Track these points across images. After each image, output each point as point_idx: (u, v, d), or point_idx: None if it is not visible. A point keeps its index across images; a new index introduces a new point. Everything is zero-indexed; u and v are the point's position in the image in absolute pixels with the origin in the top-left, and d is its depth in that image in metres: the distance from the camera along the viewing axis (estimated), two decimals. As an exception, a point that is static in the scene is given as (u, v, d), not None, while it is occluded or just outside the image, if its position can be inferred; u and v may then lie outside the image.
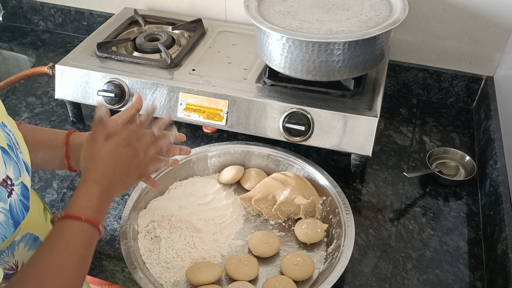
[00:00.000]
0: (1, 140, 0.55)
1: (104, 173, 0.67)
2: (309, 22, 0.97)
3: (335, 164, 1.07)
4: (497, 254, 0.83)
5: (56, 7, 1.51)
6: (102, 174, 0.67)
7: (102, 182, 0.66)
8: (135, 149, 0.72)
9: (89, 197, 0.64)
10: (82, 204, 0.63)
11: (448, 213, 0.97)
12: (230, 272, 0.82)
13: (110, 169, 0.68)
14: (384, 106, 1.24)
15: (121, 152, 0.70)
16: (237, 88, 1.04)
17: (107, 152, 0.69)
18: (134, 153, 0.71)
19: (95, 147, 0.69)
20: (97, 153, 0.69)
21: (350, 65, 0.96)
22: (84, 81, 1.10)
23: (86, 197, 0.64)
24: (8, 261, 0.61)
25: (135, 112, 0.76)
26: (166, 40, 1.20)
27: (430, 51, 1.23)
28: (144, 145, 0.74)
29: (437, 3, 1.15)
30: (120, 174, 0.69)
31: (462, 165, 1.08)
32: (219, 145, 1.03)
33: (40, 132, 0.78)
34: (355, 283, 0.85)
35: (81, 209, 0.62)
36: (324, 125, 0.98)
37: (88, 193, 0.65)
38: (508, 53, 1.13)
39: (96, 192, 0.65)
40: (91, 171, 0.67)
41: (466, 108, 1.26)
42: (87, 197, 0.64)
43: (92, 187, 0.65)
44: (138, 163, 0.72)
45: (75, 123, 1.19)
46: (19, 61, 1.50)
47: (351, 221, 0.87)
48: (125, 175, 0.70)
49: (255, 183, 0.98)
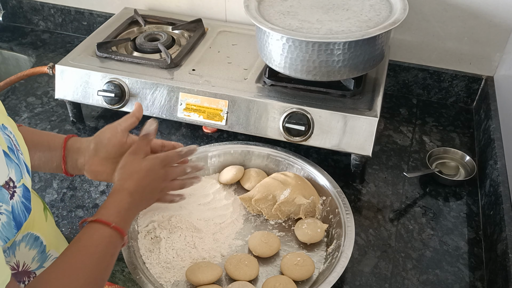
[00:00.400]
0: (2, 143, 0.56)
1: (137, 186, 0.71)
2: (309, 22, 0.97)
3: (335, 164, 1.07)
4: (497, 254, 0.83)
5: (56, 7, 1.51)
6: (135, 186, 0.71)
7: (134, 194, 0.70)
8: (166, 174, 0.77)
9: (120, 206, 0.67)
10: (113, 211, 0.66)
11: (448, 213, 0.97)
12: (230, 272, 0.82)
13: (143, 184, 0.72)
14: (384, 106, 1.24)
15: (157, 172, 0.75)
16: (237, 88, 1.04)
17: (146, 168, 0.73)
18: (164, 177, 0.76)
19: (135, 160, 0.74)
20: (136, 166, 0.73)
21: (350, 65, 0.96)
22: (84, 81, 1.10)
23: (117, 205, 0.67)
24: (9, 261, 0.61)
25: (135, 121, 0.80)
26: (166, 40, 1.20)
27: (430, 51, 1.23)
28: (174, 174, 0.79)
29: (437, 3, 1.15)
30: (149, 191, 0.74)
31: (462, 165, 1.08)
32: (219, 145, 1.03)
33: (39, 134, 0.79)
34: (355, 283, 0.85)
35: (110, 216, 0.65)
36: (324, 125, 0.98)
37: (120, 202, 0.68)
38: (508, 53, 1.13)
39: (127, 202, 0.68)
40: (127, 181, 0.71)
41: (466, 108, 1.26)
42: (118, 205, 0.67)
43: (124, 197, 0.69)
44: (163, 188, 0.77)
45: (75, 123, 1.19)
46: (19, 61, 1.50)
47: (351, 221, 0.87)
48: (151, 193, 0.75)
49: (255, 183, 0.98)
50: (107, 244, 0.64)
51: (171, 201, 0.82)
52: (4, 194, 0.53)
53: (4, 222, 0.53)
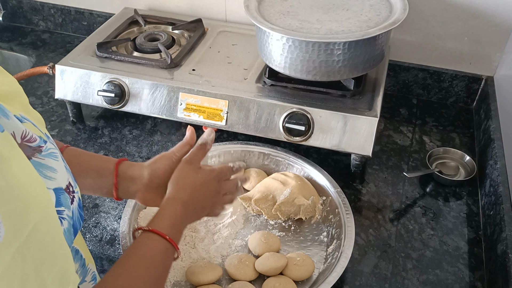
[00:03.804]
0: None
1: (191, 198, 0.69)
2: (309, 22, 0.97)
3: (335, 164, 1.07)
4: (497, 254, 0.83)
5: (56, 7, 1.51)
6: (189, 198, 0.69)
7: (187, 206, 0.68)
8: (219, 188, 0.75)
9: (175, 218, 0.66)
10: (168, 222, 0.65)
11: (448, 213, 0.97)
12: (230, 272, 0.82)
13: (197, 197, 0.70)
14: (384, 106, 1.24)
15: (211, 185, 0.73)
16: (237, 88, 1.04)
17: (200, 180, 0.72)
18: (217, 191, 0.74)
19: (190, 171, 0.72)
20: (191, 178, 0.71)
21: (350, 65, 0.96)
22: (84, 81, 1.10)
23: (172, 216, 0.66)
24: None
25: (189, 149, 0.77)
26: (166, 40, 1.20)
27: (430, 51, 1.23)
28: (226, 188, 0.77)
29: (437, 3, 1.15)
30: (202, 204, 0.72)
31: (462, 165, 1.08)
32: (219, 145, 1.03)
33: (87, 158, 0.75)
34: (355, 283, 0.85)
35: (166, 228, 0.63)
36: (324, 125, 0.98)
37: (175, 213, 0.66)
38: (508, 53, 1.13)
39: (180, 214, 0.67)
40: (181, 192, 0.69)
41: (466, 108, 1.26)
42: (173, 217, 0.66)
43: (178, 208, 0.67)
44: (214, 202, 0.75)
45: (75, 123, 1.19)
46: (19, 61, 1.50)
47: (351, 221, 0.87)
48: (202, 207, 0.72)
49: (255, 183, 0.98)
50: (163, 257, 0.62)
51: (217, 215, 0.79)
52: (66, 198, 0.50)
53: (65, 229, 0.49)
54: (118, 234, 0.90)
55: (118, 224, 0.94)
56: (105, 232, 0.93)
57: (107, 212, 0.96)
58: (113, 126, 1.18)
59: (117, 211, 0.97)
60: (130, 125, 1.18)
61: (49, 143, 0.50)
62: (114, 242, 0.91)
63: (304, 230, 0.92)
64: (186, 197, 0.69)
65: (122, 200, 0.79)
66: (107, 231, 0.93)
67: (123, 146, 1.12)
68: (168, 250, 0.63)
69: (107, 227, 0.94)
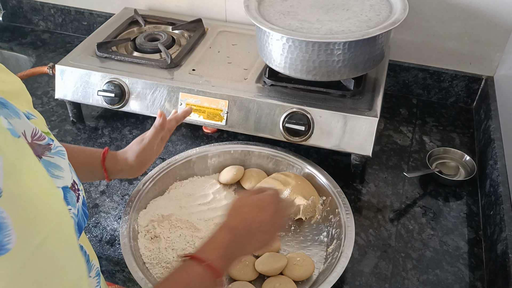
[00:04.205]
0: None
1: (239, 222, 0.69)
2: (309, 22, 0.97)
3: (335, 164, 1.07)
4: (497, 254, 0.83)
5: (56, 7, 1.51)
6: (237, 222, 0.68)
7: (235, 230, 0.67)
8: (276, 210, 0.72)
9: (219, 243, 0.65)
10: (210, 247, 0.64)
11: (448, 213, 0.97)
12: (230, 272, 0.82)
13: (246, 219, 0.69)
14: (384, 106, 1.24)
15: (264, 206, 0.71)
16: (237, 88, 1.04)
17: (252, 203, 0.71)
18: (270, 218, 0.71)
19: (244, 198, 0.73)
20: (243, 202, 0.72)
21: (350, 65, 0.96)
22: (84, 81, 1.10)
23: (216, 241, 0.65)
24: None
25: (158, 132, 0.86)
26: (166, 40, 1.20)
27: (430, 51, 1.23)
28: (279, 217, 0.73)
29: (437, 3, 1.15)
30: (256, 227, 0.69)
31: (462, 165, 1.08)
32: (219, 145, 1.03)
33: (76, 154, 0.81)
34: (355, 283, 0.85)
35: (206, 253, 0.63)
36: (324, 125, 0.98)
37: (220, 239, 0.65)
38: (508, 53, 1.13)
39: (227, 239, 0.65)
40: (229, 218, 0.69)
41: (466, 108, 1.26)
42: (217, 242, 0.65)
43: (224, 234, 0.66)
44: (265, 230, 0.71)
45: (75, 123, 1.19)
46: (19, 61, 1.50)
47: (351, 221, 0.87)
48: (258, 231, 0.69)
49: (255, 183, 0.98)
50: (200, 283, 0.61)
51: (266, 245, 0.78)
52: (72, 196, 0.50)
53: None
54: (118, 234, 0.90)
55: (118, 224, 0.94)
56: (105, 232, 0.93)
57: (107, 212, 0.96)
58: (113, 126, 1.18)
59: (117, 211, 0.97)
60: (130, 125, 1.18)
61: (56, 141, 0.50)
62: (114, 242, 0.91)
63: (304, 230, 0.92)
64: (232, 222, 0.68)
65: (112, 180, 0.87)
66: (107, 231, 0.93)
67: (123, 146, 1.12)
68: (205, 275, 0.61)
69: (107, 227, 0.94)
